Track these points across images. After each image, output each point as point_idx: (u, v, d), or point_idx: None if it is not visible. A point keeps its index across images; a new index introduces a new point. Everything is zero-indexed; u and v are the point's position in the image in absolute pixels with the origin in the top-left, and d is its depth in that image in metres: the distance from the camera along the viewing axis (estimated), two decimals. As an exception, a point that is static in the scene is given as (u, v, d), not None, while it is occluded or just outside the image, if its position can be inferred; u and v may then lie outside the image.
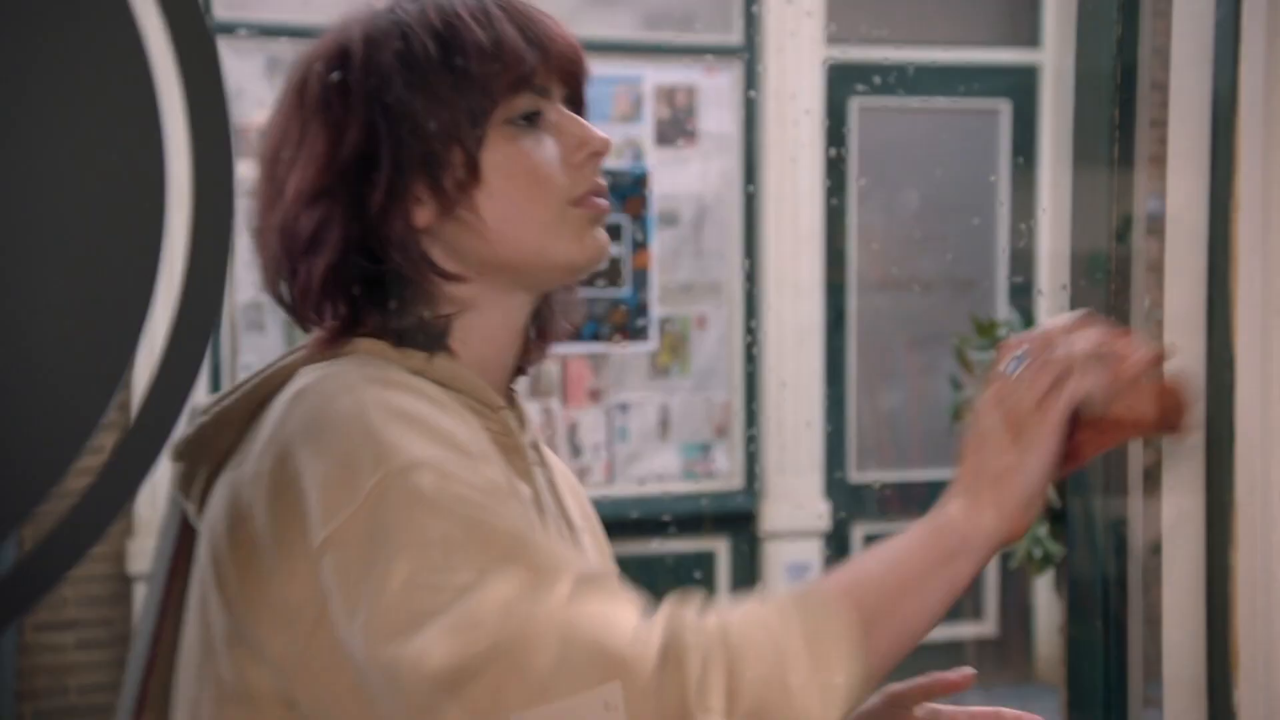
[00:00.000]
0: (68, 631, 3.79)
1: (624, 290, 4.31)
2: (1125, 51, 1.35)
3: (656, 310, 4.37)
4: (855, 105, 4.50)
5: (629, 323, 4.36)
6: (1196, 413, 0.78)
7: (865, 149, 4.57)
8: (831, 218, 4.44)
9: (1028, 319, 4.03)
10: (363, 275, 0.98)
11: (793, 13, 4.22)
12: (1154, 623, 0.99)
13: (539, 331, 1.06)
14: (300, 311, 1.02)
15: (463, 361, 1.00)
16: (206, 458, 1.01)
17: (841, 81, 4.37)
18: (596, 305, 4.29)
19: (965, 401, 3.85)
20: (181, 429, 1.00)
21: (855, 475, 4.66)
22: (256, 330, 4.08)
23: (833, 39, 4.33)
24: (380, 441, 0.86)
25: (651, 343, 4.39)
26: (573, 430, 4.32)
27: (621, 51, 4.29)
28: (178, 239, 0.67)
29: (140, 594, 3.63)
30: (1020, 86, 4.61)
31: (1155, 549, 0.93)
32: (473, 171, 0.97)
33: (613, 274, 4.26)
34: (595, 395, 4.36)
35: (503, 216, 0.98)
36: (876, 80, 4.46)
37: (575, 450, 4.30)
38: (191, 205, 0.67)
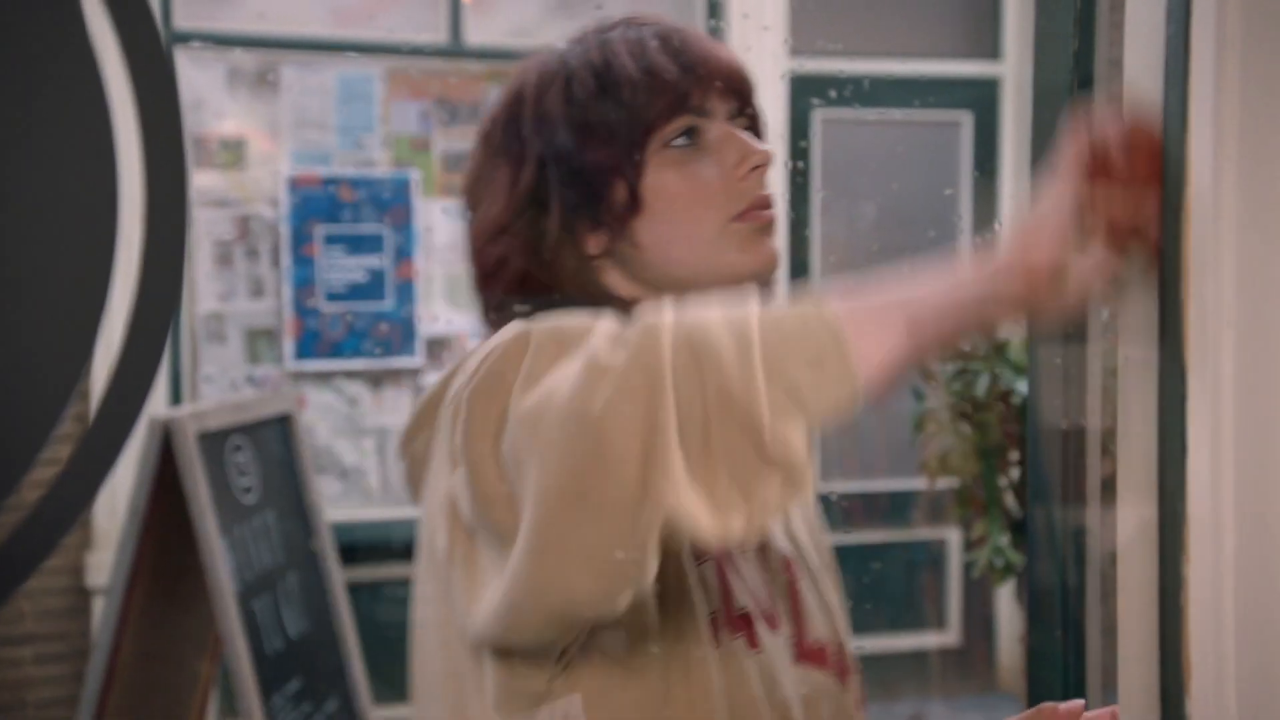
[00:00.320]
0: (25, 646, 3.75)
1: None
2: (1082, 64, 1.36)
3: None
4: (817, 117, 4.52)
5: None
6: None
7: (827, 161, 4.59)
8: (793, 229, 4.46)
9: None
10: (543, 304, 1.02)
11: (752, 26, 4.24)
12: (1112, 632, 1.00)
13: None
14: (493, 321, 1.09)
15: None
16: (424, 437, 1.04)
17: (803, 94, 4.39)
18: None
19: (927, 412, 3.87)
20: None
21: (818, 485, 4.67)
22: (217, 341, 4.05)
23: (794, 52, 4.34)
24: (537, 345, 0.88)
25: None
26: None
27: (585, 63, 4.29)
28: (131, 248, 0.67)
29: (99, 607, 3.59)
30: (981, 99, 4.65)
31: (1114, 559, 0.93)
32: (634, 200, 1.02)
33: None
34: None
35: (667, 239, 1.02)
36: (837, 93, 4.49)
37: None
38: (145, 214, 0.67)
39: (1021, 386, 3.39)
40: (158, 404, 3.73)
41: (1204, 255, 0.75)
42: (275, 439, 3.16)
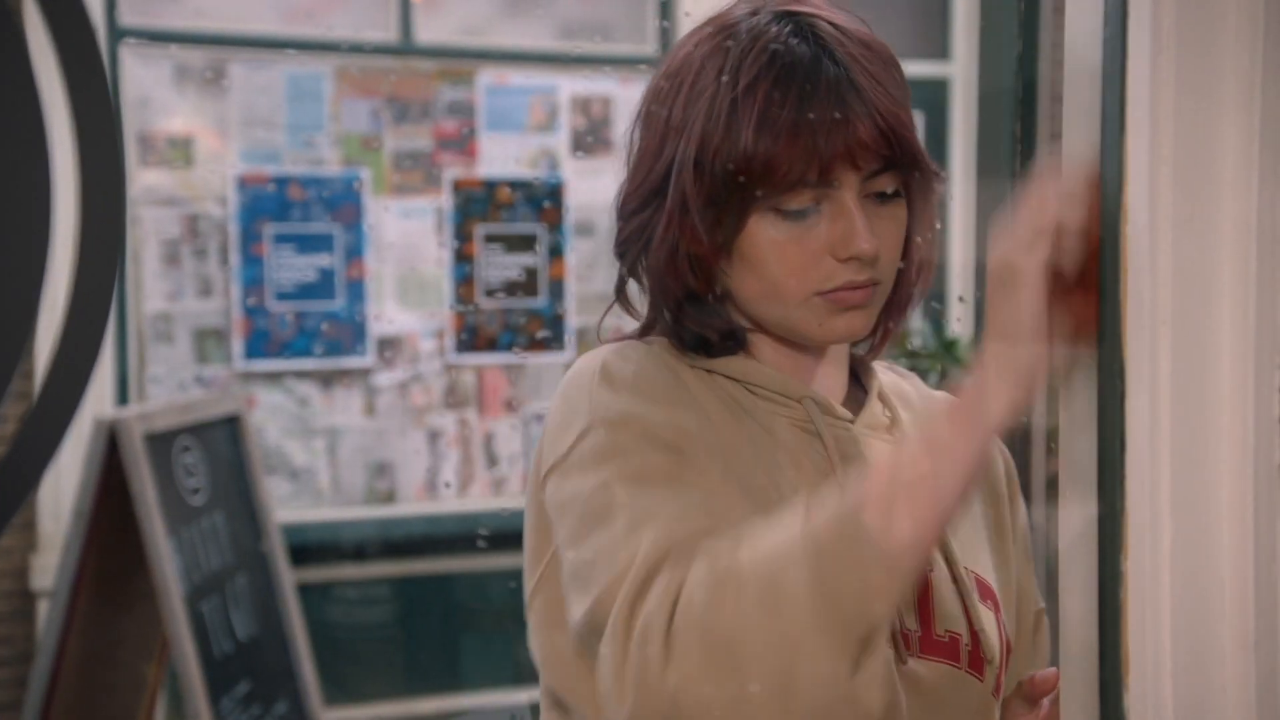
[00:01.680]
0: (-32, 650, 3.70)
1: (540, 301, 4.31)
2: (1026, 66, 1.38)
3: (573, 320, 4.37)
4: (769, 117, 4.54)
5: (545, 333, 4.36)
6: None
7: (779, 160, 4.61)
8: (746, 228, 4.47)
9: (938, 329, 4.09)
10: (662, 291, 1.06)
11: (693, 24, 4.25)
12: (1057, 628, 1.01)
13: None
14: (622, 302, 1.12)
15: (762, 356, 1.07)
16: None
17: (755, 93, 4.40)
18: (512, 316, 4.28)
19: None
20: None
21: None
22: (165, 342, 4.01)
23: (746, 51, 4.36)
24: (595, 398, 0.99)
25: (568, 353, 4.39)
26: (488, 441, 4.30)
27: (537, 62, 4.29)
28: (66, 245, 0.66)
29: (44, 610, 3.55)
30: (930, 99, 4.68)
31: (1060, 556, 0.94)
32: (726, 251, 1.01)
33: (529, 285, 4.26)
34: (511, 406, 4.35)
35: (749, 294, 1.03)
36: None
37: (491, 460, 4.29)
38: (80, 208, 0.66)
39: (970, 385, 3.42)
40: (104, 405, 3.69)
41: (1141, 255, 0.76)
42: (224, 440, 3.13)
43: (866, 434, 1.08)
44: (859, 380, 1.14)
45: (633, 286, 1.11)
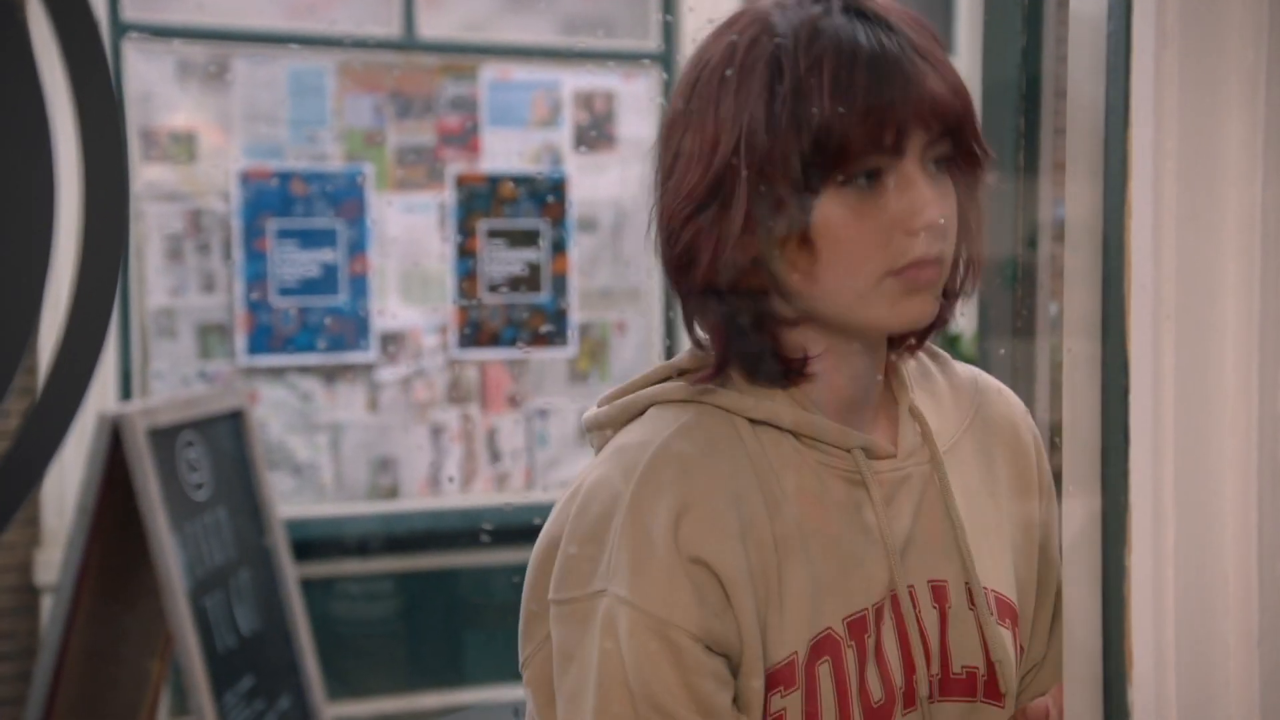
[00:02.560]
0: (-28, 645, 3.71)
1: (543, 296, 4.31)
2: (1029, 61, 1.38)
3: (576, 316, 4.37)
4: (772, 112, 4.54)
5: (548, 328, 4.36)
6: None
7: (782, 155, 4.61)
8: (749, 224, 4.47)
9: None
10: (720, 310, 1.02)
11: (699, 20, 4.25)
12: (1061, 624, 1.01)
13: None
14: (684, 317, 1.07)
15: (817, 400, 1.04)
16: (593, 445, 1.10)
17: (758, 88, 4.40)
18: (515, 311, 4.28)
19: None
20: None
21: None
22: (168, 337, 4.01)
23: (750, 46, 4.36)
24: (619, 558, 0.97)
25: (571, 348, 4.39)
26: (491, 436, 4.30)
27: (540, 57, 4.29)
28: (69, 240, 0.66)
29: (47, 605, 3.55)
30: (934, 95, 4.67)
31: (1062, 551, 0.94)
32: (802, 229, 0.98)
33: (532, 280, 4.26)
34: (514, 401, 4.35)
35: (821, 275, 0.99)
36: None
37: (494, 456, 4.29)
38: (83, 203, 0.66)
39: (973, 380, 3.41)
40: (107, 400, 3.70)
41: (1144, 250, 0.75)
42: (227, 435, 3.14)
43: (908, 467, 1.07)
44: (891, 394, 1.12)
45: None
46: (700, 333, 1.06)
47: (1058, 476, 0.99)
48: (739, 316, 1.02)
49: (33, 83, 0.62)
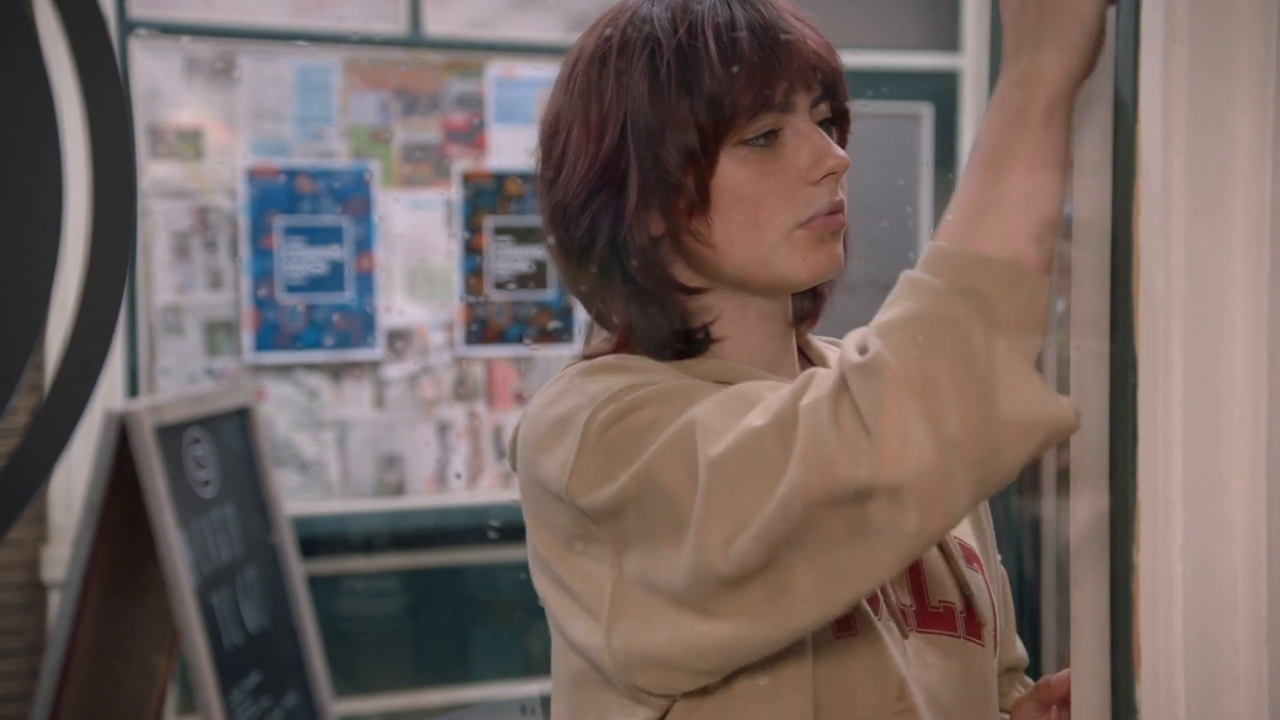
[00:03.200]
0: (-20, 642, 3.71)
1: (550, 293, 4.30)
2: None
3: (582, 313, 4.36)
4: (779, 109, 4.53)
5: (555, 325, 4.36)
6: None
7: (789, 152, 4.60)
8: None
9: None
10: (624, 290, 1.04)
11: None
12: (1068, 621, 1.01)
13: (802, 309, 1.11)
14: (587, 306, 1.11)
15: (734, 357, 1.05)
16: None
17: (765, 85, 4.39)
18: (522, 308, 4.28)
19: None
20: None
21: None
22: (175, 334, 4.02)
23: (756, 43, 4.35)
24: (581, 391, 0.97)
25: (578, 344, 4.39)
26: (498, 433, 4.30)
27: (546, 54, 4.29)
28: (78, 238, 0.66)
29: (55, 602, 3.56)
30: (941, 91, 4.67)
31: (1069, 548, 0.94)
32: (702, 196, 0.99)
33: (539, 277, 4.25)
34: (521, 398, 4.35)
35: (729, 237, 1.00)
36: (799, 84, 4.50)
37: (501, 453, 4.29)
38: (91, 200, 0.66)
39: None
40: (114, 397, 3.70)
41: (1154, 246, 0.75)
42: (234, 432, 3.14)
43: None
44: (809, 363, 1.14)
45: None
46: (610, 319, 1.07)
47: (1065, 473, 0.99)
48: (644, 292, 1.03)
49: (41, 80, 0.62)
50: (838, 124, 1.06)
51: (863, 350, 0.81)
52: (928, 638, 1.05)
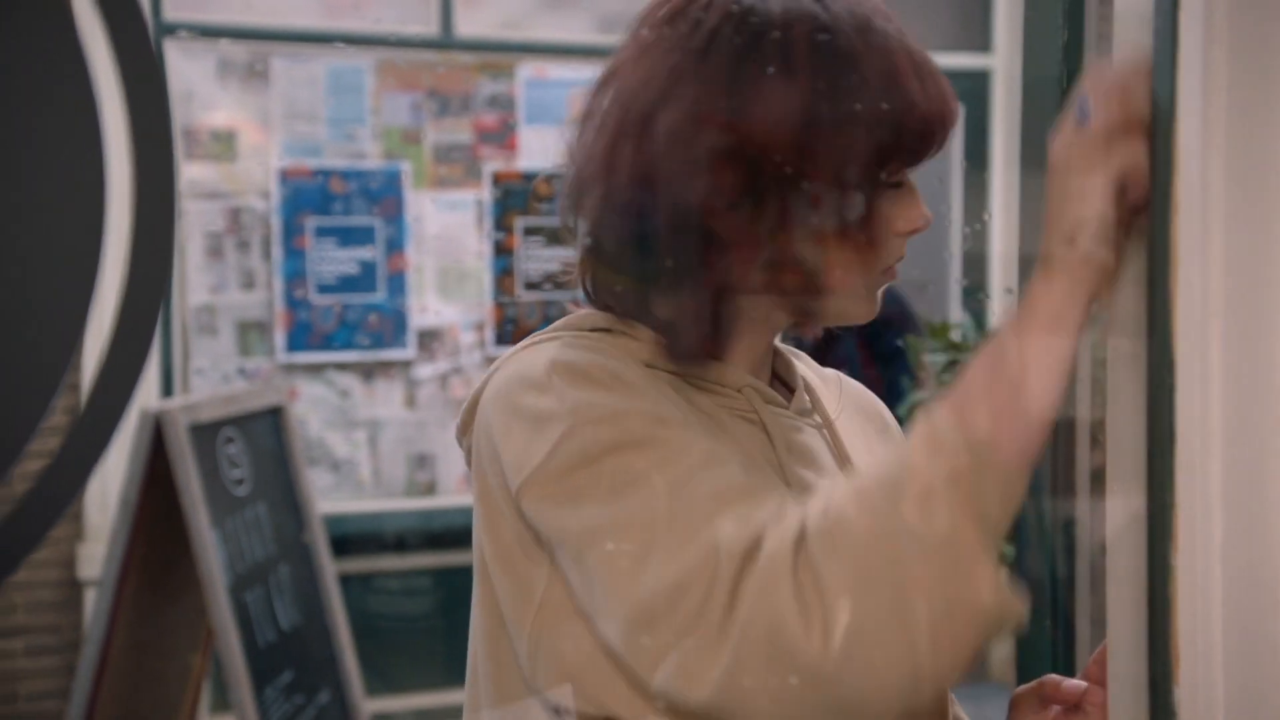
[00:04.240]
0: (16, 638, 3.74)
1: (580, 293, 4.31)
2: (1071, 56, 1.37)
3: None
4: (809, 109, 4.52)
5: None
6: None
7: (819, 152, 4.59)
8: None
9: (980, 321, 4.07)
10: (684, 287, 0.97)
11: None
12: (1102, 623, 1.00)
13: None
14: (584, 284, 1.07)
15: (730, 359, 1.02)
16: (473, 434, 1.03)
17: (796, 85, 4.39)
18: (552, 308, 4.28)
19: (918, 404, 3.87)
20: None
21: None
22: (209, 334, 4.04)
23: (787, 43, 4.35)
24: (565, 400, 0.90)
25: (607, 345, 4.40)
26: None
27: (576, 55, 4.29)
28: (119, 240, 0.67)
29: (91, 599, 3.59)
30: (972, 91, 4.65)
31: (1104, 549, 0.94)
32: (847, 226, 0.95)
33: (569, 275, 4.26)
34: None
35: (832, 264, 0.97)
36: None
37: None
38: (132, 207, 0.67)
39: (1012, 378, 3.39)
40: (149, 397, 3.73)
41: (1192, 245, 0.75)
42: (267, 431, 3.16)
43: (799, 420, 1.06)
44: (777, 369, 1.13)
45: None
46: (643, 314, 1.00)
47: (1099, 474, 0.98)
48: (705, 291, 0.97)
49: (84, 84, 0.62)
50: None
51: (827, 512, 0.82)
52: None
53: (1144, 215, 0.83)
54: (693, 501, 0.86)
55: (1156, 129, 0.79)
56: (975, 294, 4.49)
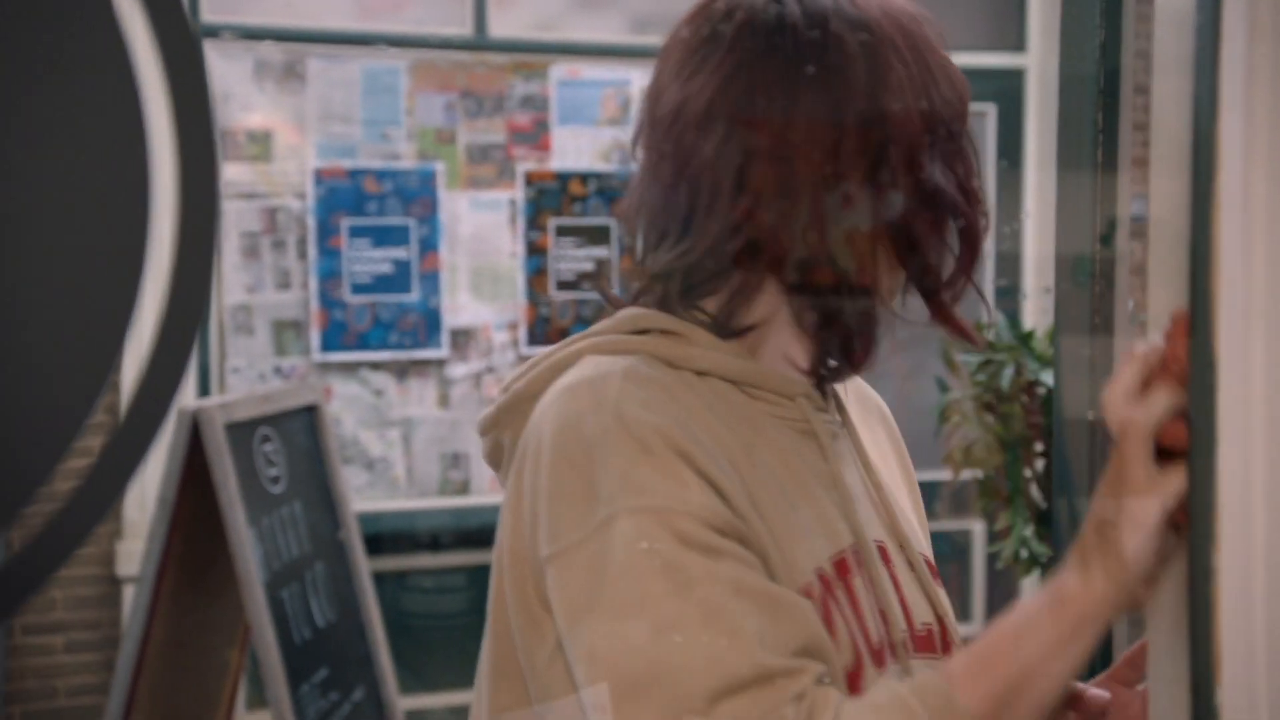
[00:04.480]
0: (56, 634, 3.78)
1: (617, 291, 4.32)
2: (1108, 56, 1.36)
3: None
4: (843, 108, 4.51)
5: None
6: None
7: (853, 151, 4.58)
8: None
9: (1014, 321, 4.05)
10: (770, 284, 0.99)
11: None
12: (1139, 623, 1.00)
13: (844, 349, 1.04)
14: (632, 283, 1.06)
15: (763, 357, 1.02)
16: (509, 434, 1.01)
17: (829, 84, 4.37)
18: (584, 308, 4.29)
19: (951, 403, 3.86)
20: (487, 408, 1.04)
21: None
22: (245, 333, 4.07)
23: (820, 42, 4.34)
24: (617, 474, 0.88)
25: (640, 345, 4.39)
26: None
27: (610, 55, 4.30)
28: (163, 241, 0.67)
29: (129, 596, 3.62)
30: (1006, 90, 4.63)
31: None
32: (919, 222, 1.04)
33: (599, 276, 4.27)
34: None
35: (902, 268, 1.05)
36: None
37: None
38: (176, 208, 0.67)
39: (1047, 377, 3.38)
40: (186, 395, 3.76)
41: (1234, 245, 0.74)
42: (302, 430, 3.18)
43: (834, 426, 1.07)
44: None
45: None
46: (736, 312, 1.00)
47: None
48: (826, 297, 0.99)
49: (130, 86, 0.63)
50: None
51: None
52: (920, 661, 1.04)
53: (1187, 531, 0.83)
54: (694, 650, 0.86)
55: (1198, 127, 0.79)
56: (1011, 294, 4.47)
